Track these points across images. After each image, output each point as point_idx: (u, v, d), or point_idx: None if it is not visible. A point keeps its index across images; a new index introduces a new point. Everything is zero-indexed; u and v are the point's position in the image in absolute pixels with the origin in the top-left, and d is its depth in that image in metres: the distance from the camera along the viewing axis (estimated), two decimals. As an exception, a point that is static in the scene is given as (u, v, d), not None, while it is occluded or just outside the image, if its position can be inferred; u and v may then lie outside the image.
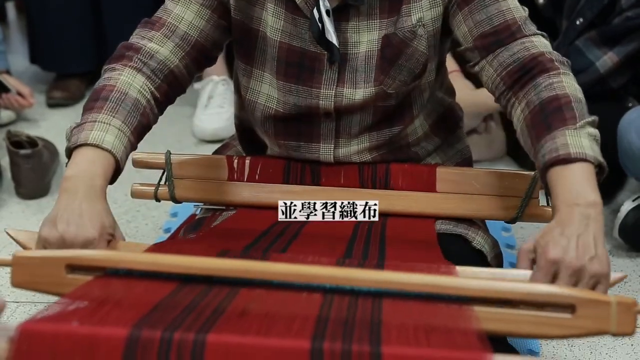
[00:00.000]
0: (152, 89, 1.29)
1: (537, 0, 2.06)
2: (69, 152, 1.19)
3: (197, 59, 1.36)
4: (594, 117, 1.18)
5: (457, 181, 1.37)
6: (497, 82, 1.27)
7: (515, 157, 2.23)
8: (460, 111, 1.55)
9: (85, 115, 1.21)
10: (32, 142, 2.17)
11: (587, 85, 1.93)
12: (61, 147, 2.29)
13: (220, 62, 2.52)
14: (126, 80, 1.26)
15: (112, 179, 1.20)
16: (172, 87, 1.34)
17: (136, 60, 1.29)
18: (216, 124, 2.45)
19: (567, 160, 1.11)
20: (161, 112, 1.34)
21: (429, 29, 1.32)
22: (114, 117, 1.20)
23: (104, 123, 1.19)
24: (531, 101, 1.21)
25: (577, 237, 1.05)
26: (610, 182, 2.04)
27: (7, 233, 1.22)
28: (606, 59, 1.98)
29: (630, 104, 2.02)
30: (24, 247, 1.16)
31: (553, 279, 1.04)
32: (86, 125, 1.18)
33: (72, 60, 2.69)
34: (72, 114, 2.61)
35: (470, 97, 2.11)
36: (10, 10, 3.45)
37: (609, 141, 1.80)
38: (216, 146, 1.65)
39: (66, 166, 1.20)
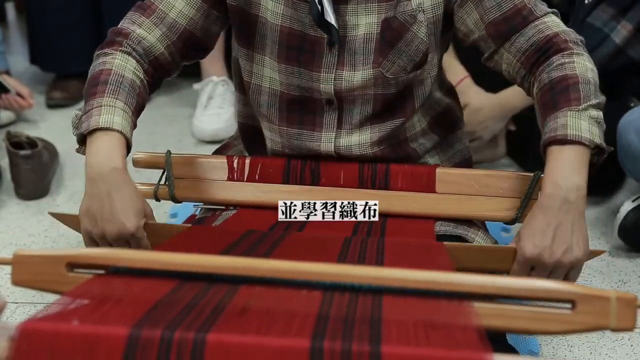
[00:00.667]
0: (142, 70, 1.35)
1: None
2: (82, 138, 1.25)
3: (184, 48, 1.39)
4: (599, 100, 1.23)
5: (456, 182, 1.37)
6: (517, 68, 1.32)
7: (515, 157, 2.23)
8: (460, 112, 1.55)
9: (89, 101, 1.27)
10: (31, 143, 2.16)
11: (606, 59, 1.90)
12: (61, 147, 2.30)
13: (220, 62, 2.52)
14: (120, 63, 1.31)
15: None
16: (157, 71, 1.39)
17: (125, 45, 1.34)
18: (216, 124, 2.45)
19: (564, 141, 1.19)
20: (151, 92, 1.39)
21: (428, 15, 1.33)
22: (116, 99, 1.26)
23: (109, 106, 1.25)
24: (542, 80, 1.27)
25: (554, 229, 1.16)
26: (609, 182, 2.06)
27: (50, 214, 1.36)
28: (620, 29, 1.96)
29: (632, 104, 2.01)
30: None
31: (531, 271, 1.18)
32: (93, 111, 1.24)
33: (72, 61, 2.69)
34: (72, 115, 2.60)
35: (494, 99, 2.11)
36: (10, 10, 3.45)
37: (610, 141, 1.80)
38: (216, 147, 1.65)
39: (77, 151, 1.30)
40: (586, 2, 2.00)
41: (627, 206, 1.86)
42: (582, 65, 1.26)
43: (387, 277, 0.97)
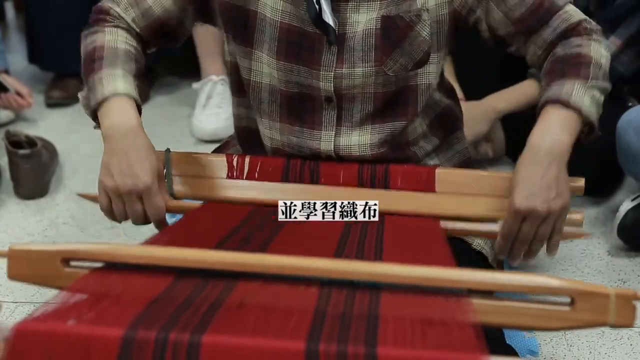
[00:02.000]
0: (134, 39, 1.39)
1: None
2: (94, 114, 1.30)
3: (155, 34, 1.41)
4: (605, 85, 1.30)
5: (456, 182, 1.37)
6: (542, 57, 1.36)
7: (515, 157, 2.23)
8: (460, 112, 1.55)
9: (89, 79, 1.32)
10: (31, 142, 2.17)
11: None
12: (60, 146, 2.30)
13: (219, 61, 2.52)
14: (110, 37, 1.36)
15: None
16: (141, 45, 1.41)
17: (110, 19, 1.39)
18: (215, 124, 2.45)
19: (564, 104, 1.24)
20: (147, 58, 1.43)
21: (432, 15, 1.33)
22: (114, 68, 1.31)
23: (109, 75, 1.30)
24: (556, 53, 1.33)
25: (542, 178, 1.20)
26: (609, 182, 2.06)
27: (78, 194, 1.41)
28: (609, 44, 1.98)
29: (630, 104, 2.02)
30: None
31: (522, 222, 1.21)
32: (96, 86, 1.30)
33: (71, 60, 2.66)
34: (71, 114, 2.61)
35: (478, 103, 2.13)
36: (9, 9, 3.44)
37: (609, 141, 1.81)
38: (215, 146, 1.65)
39: (95, 128, 1.33)
40: None
41: (627, 205, 1.86)
42: (597, 51, 1.31)
43: (385, 273, 0.97)
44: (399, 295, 0.94)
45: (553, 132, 1.23)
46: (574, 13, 1.35)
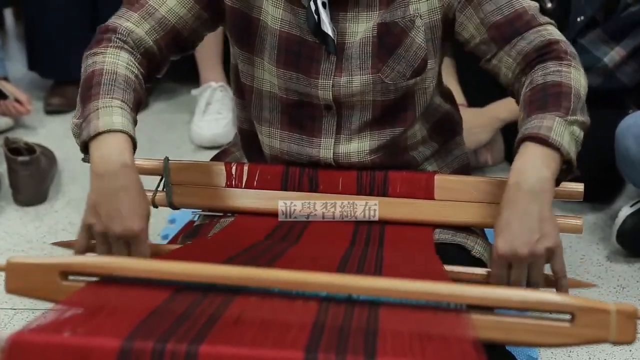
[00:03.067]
0: (136, 63, 1.32)
1: (545, 4, 2.06)
2: (85, 146, 1.22)
3: (172, 44, 1.38)
4: (585, 119, 1.23)
5: (455, 189, 1.37)
6: (516, 71, 1.31)
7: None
8: (459, 118, 1.55)
9: (86, 107, 1.25)
10: (30, 149, 2.17)
11: (596, 82, 1.94)
12: (59, 153, 2.30)
13: (218, 68, 2.53)
14: (111, 60, 1.28)
15: None
16: (149, 64, 1.36)
17: (115, 39, 1.32)
18: (214, 130, 2.45)
19: (544, 141, 1.17)
20: (146, 85, 1.36)
21: (425, 21, 1.33)
22: (112, 98, 1.23)
23: (106, 107, 1.22)
24: (535, 80, 1.26)
25: (521, 220, 1.13)
26: (608, 189, 2.06)
27: (52, 244, 1.31)
28: (613, 54, 1.98)
29: (630, 111, 2.02)
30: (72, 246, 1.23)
31: (509, 268, 1.13)
32: (91, 116, 1.22)
33: (71, 67, 2.68)
34: (70, 121, 2.60)
35: (482, 110, 2.14)
36: (8, 17, 3.44)
37: (608, 147, 1.81)
38: (214, 152, 1.65)
39: (83, 161, 1.25)
40: (578, 20, 2.01)
41: (625, 211, 1.86)
42: (577, 80, 1.26)
43: (384, 288, 0.96)
44: (397, 310, 0.94)
45: (533, 169, 1.15)
46: (553, 32, 1.31)
